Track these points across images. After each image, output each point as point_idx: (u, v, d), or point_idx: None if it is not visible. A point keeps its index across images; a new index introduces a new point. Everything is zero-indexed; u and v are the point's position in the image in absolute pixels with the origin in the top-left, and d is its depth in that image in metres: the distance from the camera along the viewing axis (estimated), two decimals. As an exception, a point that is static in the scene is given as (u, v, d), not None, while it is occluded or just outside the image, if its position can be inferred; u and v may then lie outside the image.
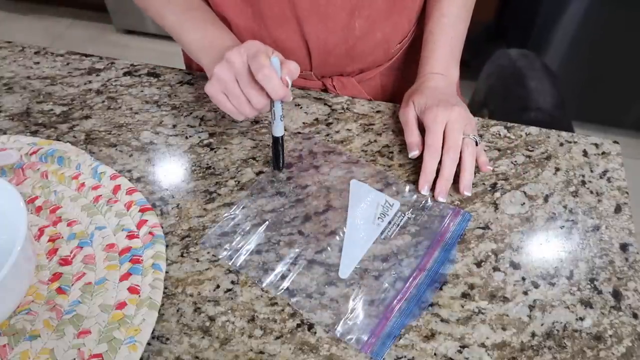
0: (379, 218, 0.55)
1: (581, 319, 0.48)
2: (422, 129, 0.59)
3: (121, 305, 0.46)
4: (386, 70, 0.75)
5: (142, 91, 0.70)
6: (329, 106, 0.68)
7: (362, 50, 0.69)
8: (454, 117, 0.57)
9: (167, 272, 0.50)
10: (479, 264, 0.51)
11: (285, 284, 0.49)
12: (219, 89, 0.54)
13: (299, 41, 0.66)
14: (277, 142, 0.57)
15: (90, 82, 0.71)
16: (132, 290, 0.47)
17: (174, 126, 0.65)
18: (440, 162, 0.56)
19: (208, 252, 0.52)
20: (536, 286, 0.50)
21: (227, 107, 0.54)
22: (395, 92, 0.79)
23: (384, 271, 0.50)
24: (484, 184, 0.59)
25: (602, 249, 0.53)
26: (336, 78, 0.72)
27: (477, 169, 0.58)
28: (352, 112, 0.67)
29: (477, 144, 0.58)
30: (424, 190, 0.56)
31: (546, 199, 0.57)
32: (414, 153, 0.59)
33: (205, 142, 0.63)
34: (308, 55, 0.68)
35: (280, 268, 0.51)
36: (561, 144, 0.63)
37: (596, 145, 0.63)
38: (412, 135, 0.60)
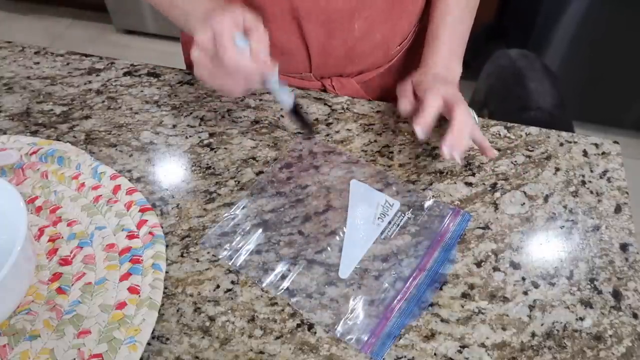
0: (379, 218, 0.55)
1: (581, 319, 0.48)
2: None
3: (121, 305, 0.46)
4: (385, 71, 0.75)
5: (142, 91, 0.70)
6: (329, 106, 0.67)
7: (361, 51, 0.69)
8: (455, 93, 0.56)
9: (167, 272, 0.50)
10: (479, 264, 0.51)
11: (285, 284, 0.49)
12: (202, 71, 0.51)
13: (298, 43, 0.66)
14: (293, 113, 0.54)
15: (90, 82, 0.71)
16: (132, 290, 0.47)
17: (174, 126, 0.65)
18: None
19: (208, 252, 0.52)
20: (536, 286, 0.50)
21: (216, 86, 0.52)
22: (394, 94, 0.79)
23: (384, 271, 0.50)
24: (484, 184, 0.59)
25: (602, 249, 0.53)
26: (335, 79, 0.72)
27: (476, 169, 0.58)
28: (352, 112, 0.67)
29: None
30: (418, 130, 0.53)
31: (546, 199, 0.57)
32: (404, 109, 0.57)
33: (205, 142, 0.63)
34: (308, 56, 0.68)
35: (280, 268, 0.51)
36: (561, 144, 0.63)
37: (596, 145, 0.63)
38: (405, 102, 0.58)
